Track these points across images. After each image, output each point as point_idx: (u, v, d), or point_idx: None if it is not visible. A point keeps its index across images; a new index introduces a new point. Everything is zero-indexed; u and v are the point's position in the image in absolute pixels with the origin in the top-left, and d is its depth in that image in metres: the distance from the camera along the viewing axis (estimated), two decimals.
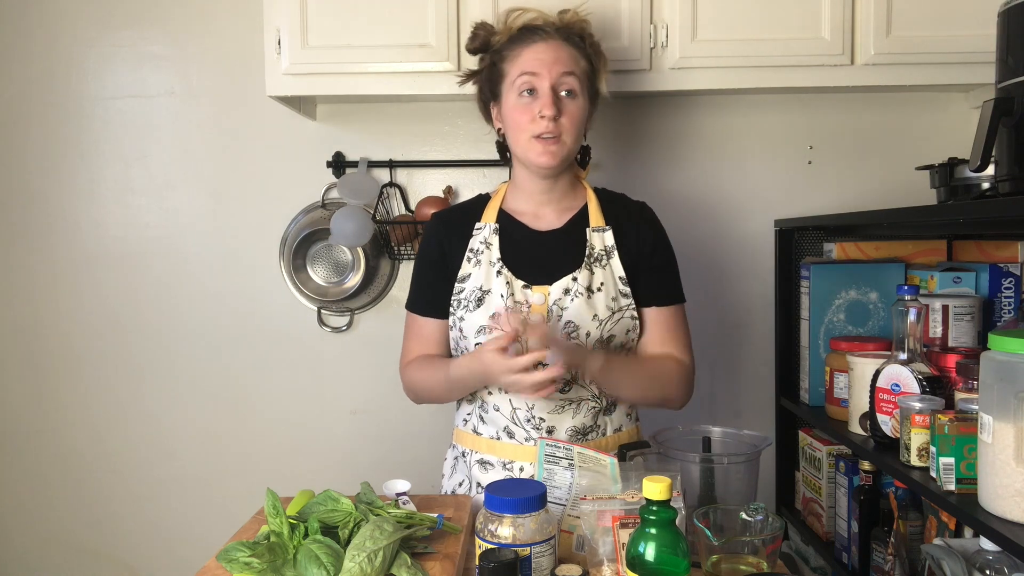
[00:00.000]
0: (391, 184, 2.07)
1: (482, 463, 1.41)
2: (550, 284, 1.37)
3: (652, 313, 1.43)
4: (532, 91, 1.34)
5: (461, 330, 1.39)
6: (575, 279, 1.36)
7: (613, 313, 1.37)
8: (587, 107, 1.40)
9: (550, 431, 1.37)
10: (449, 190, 2.06)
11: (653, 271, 1.43)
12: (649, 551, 0.87)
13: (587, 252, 1.39)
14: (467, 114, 2.06)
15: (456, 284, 1.41)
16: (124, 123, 2.12)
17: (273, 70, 1.80)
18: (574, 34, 1.39)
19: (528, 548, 0.99)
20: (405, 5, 1.77)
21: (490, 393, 1.39)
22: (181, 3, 2.08)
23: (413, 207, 2.08)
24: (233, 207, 2.12)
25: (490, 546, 1.00)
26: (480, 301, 1.37)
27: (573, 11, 1.42)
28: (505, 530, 1.00)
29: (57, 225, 2.14)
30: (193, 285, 2.13)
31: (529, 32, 1.37)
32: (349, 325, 2.13)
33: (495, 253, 1.40)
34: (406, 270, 2.11)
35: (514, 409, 1.38)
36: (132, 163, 2.12)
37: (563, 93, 1.35)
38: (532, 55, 1.35)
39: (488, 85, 1.44)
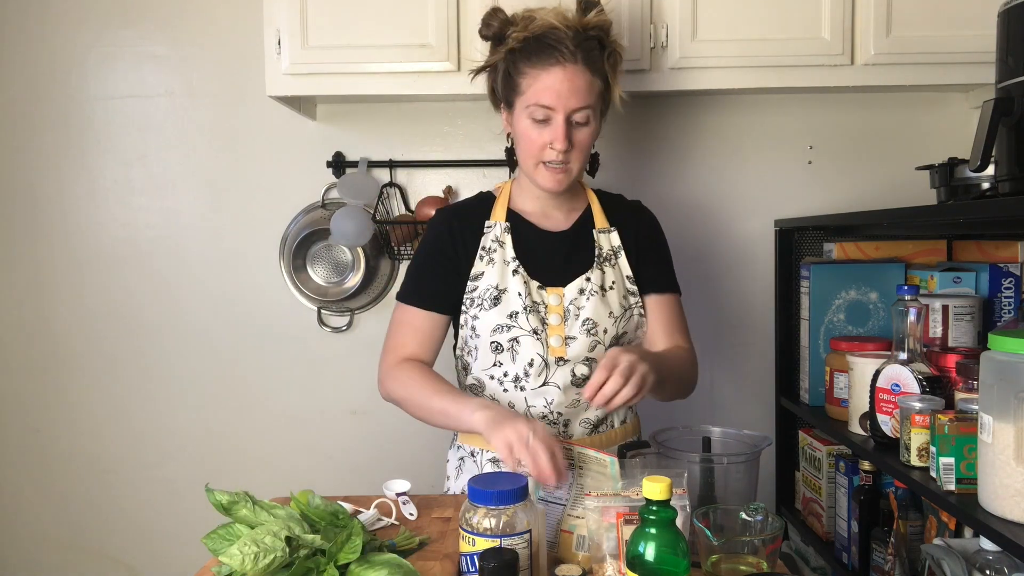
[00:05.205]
0: (391, 184, 2.07)
1: (494, 461, 1.41)
2: (563, 285, 1.38)
3: (653, 301, 1.45)
4: (545, 120, 1.31)
5: (474, 328, 1.38)
6: (588, 279, 1.39)
7: (625, 310, 1.40)
8: (598, 127, 1.36)
9: (566, 424, 1.39)
10: (449, 190, 2.06)
11: (651, 260, 1.46)
12: (649, 551, 0.87)
13: (596, 252, 1.42)
14: (467, 114, 2.06)
15: (468, 282, 1.40)
16: (124, 123, 2.11)
17: (273, 70, 1.80)
18: (594, 46, 1.32)
19: (499, 540, 0.98)
20: (405, 5, 1.77)
21: (505, 391, 1.38)
22: (181, 3, 2.08)
23: (413, 207, 2.08)
24: (233, 207, 2.12)
25: (469, 535, 1.00)
26: (496, 300, 1.37)
27: (596, 12, 1.33)
28: (484, 521, 1.00)
29: (57, 225, 2.13)
30: (193, 285, 2.13)
31: (547, 49, 1.29)
32: (349, 325, 2.13)
33: (509, 252, 1.39)
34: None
35: (528, 407, 1.38)
36: (132, 163, 2.12)
37: (576, 122, 1.31)
38: (548, 83, 1.28)
39: (502, 88, 1.38)
